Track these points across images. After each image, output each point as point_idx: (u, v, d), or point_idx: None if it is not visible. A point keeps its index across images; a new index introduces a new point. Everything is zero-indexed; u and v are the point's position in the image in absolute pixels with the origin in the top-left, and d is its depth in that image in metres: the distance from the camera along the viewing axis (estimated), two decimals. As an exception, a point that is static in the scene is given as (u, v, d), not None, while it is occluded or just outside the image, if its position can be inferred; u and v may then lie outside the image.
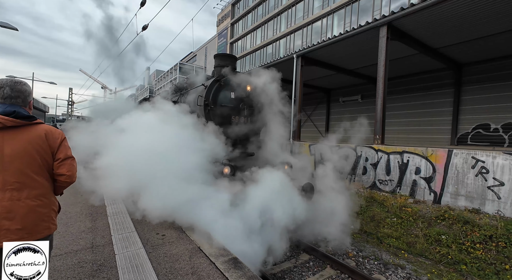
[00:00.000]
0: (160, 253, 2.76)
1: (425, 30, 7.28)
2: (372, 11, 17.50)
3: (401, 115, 11.99)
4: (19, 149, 1.43)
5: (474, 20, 6.60)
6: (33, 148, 1.47)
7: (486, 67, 9.51)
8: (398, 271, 4.27)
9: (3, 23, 10.21)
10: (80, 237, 3.10)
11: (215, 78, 5.22)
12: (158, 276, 2.31)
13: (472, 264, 4.27)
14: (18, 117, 1.44)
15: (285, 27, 25.01)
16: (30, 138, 1.47)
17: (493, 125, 9.49)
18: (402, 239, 5.18)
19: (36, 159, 1.48)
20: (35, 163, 1.48)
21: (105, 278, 2.27)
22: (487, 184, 4.96)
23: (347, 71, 11.05)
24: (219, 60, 5.71)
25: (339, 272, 4.22)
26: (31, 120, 1.49)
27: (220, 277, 2.31)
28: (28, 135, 1.47)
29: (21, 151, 1.44)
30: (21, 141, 1.44)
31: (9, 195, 1.41)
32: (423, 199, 5.84)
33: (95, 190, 4.40)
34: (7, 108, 1.44)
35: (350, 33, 7.58)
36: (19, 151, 1.43)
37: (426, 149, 5.88)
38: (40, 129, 1.52)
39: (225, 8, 36.01)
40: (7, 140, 1.41)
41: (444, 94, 10.65)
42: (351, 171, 7.40)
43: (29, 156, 1.46)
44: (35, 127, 1.51)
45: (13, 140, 1.42)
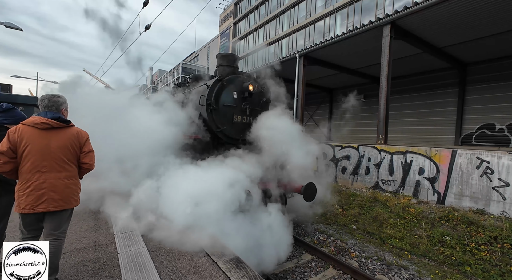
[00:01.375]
0: (162, 252, 2.76)
1: (429, 29, 7.22)
2: (375, 10, 17.39)
3: (405, 115, 11.90)
4: (61, 143, 2.05)
5: (480, 18, 6.52)
6: (69, 143, 2.09)
7: (492, 66, 9.40)
8: (401, 272, 4.23)
9: (8, 24, 10.31)
10: (83, 236, 3.11)
11: (217, 78, 5.22)
12: (160, 275, 2.31)
13: (476, 265, 4.22)
14: (61, 121, 2.06)
15: (288, 27, 24.95)
16: (68, 136, 2.09)
17: (498, 125, 9.38)
18: (405, 240, 5.14)
19: (70, 150, 2.10)
20: (70, 154, 2.10)
21: (108, 276, 2.28)
22: (492, 184, 4.91)
23: (350, 71, 11.00)
24: (222, 59, 5.71)
25: (342, 273, 4.20)
26: (68, 124, 2.12)
27: (222, 276, 2.31)
28: (66, 134, 2.09)
29: (62, 145, 2.05)
30: (62, 138, 2.07)
31: (54, 175, 2.02)
32: (427, 200, 5.79)
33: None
34: (54, 114, 2.06)
35: (353, 32, 7.54)
36: (60, 145, 2.05)
37: (429, 149, 5.83)
38: (74, 130, 2.15)
39: (228, 8, 36.03)
40: (53, 136, 2.04)
41: (448, 93, 10.55)
42: (354, 171, 7.36)
43: (67, 148, 2.07)
44: (70, 128, 2.14)
45: (56, 137, 2.05)
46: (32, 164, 1.96)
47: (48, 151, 2.00)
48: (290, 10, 24.68)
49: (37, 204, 1.95)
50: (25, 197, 1.94)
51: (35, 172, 1.97)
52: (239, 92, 5.34)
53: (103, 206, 3.95)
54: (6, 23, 10.34)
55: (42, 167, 1.98)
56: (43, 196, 1.96)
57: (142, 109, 4.87)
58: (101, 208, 3.91)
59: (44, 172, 1.99)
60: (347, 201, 6.81)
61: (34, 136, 1.97)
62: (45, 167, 1.99)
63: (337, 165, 7.86)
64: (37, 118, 2.00)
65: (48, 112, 2.07)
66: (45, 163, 1.99)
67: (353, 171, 7.40)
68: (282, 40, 25.73)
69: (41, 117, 2.01)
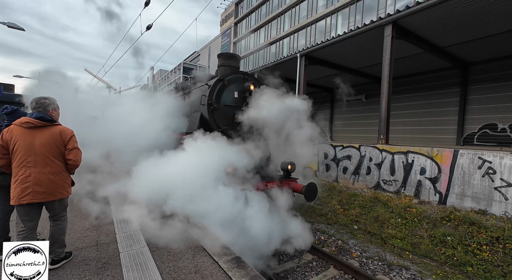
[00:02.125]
0: (164, 251, 2.77)
1: (431, 29, 7.19)
2: (377, 9, 17.33)
3: (406, 115, 11.86)
4: (43, 140, 2.22)
5: (482, 18, 6.48)
6: (52, 140, 2.25)
7: (494, 66, 9.35)
8: (402, 272, 4.22)
9: (10, 24, 10.35)
10: (85, 235, 3.13)
11: (218, 78, 5.22)
12: (161, 275, 2.32)
13: (478, 266, 4.20)
14: (44, 120, 2.24)
15: (289, 27, 24.92)
16: (50, 134, 2.25)
17: (500, 125, 9.33)
18: (407, 240, 5.12)
19: (54, 147, 2.26)
20: (53, 150, 2.26)
21: (110, 276, 2.29)
22: (494, 184, 4.89)
23: (351, 71, 10.97)
24: (223, 59, 5.71)
25: (343, 273, 4.19)
26: (52, 122, 2.29)
27: (223, 276, 2.31)
28: (49, 132, 2.26)
29: (45, 142, 2.22)
30: (45, 135, 2.23)
31: (38, 170, 2.18)
32: (428, 200, 5.78)
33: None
34: (37, 114, 2.24)
35: (355, 32, 7.52)
36: (44, 142, 2.21)
37: (431, 149, 5.81)
38: (57, 129, 2.31)
39: (229, 8, 36.03)
40: (37, 135, 2.21)
41: (450, 93, 10.50)
42: (355, 170, 7.35)
43: (50, 145, 2.24)
44: (54, 127, 2.30)
45: (40, 135, 2.22)
46: (19, 159, 2.17)
47: (32, 148, 2.18)
48: (291, 10, 24.65)
49: (22, 196, 2.13)
50: (13, 189, 2.16)
51: (22, 167, 2.17)
52: (240, 92, 5.35)
53: (106, 205, 3.97)
54: (8, 23, 10.39)
55: (28, 162, 2.17)
56: (28, 189, 2.15)
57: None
58: (104, 207, 3.93)
59: (29, 166, 2.17)
60: (348, 201, 6.80)
61: (21, 134, 2.18)
62: (30, 162, 2.17)
63: (338, 165, 7.85)
64: (23, 118, 2.22)
65: (34, 112, 2.27)
66: (30, 159, 2.17)
67: (354, 171, 7.39)
68: (283, 40, 25.71)
69: (27, 117, 2.23)
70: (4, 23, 10.38)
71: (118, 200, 4.36)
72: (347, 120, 14.64)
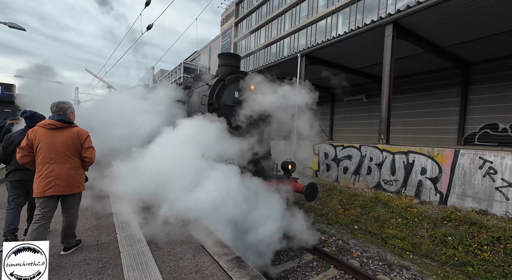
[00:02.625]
0: (164, 251, 2.77)
1: (432, 29, 7.18)
2: (378, 9, 17.31)
3: (407, 115, 11.85)
4: (64, 140, 2.51)
5: (483, 17, 6.47)
6: (71, 140, 2.55)
7: (495, 65, 9.33)
8: (403, 272, 4.22)
9: (11, 24, 10.37)
10: (85, 235, 3.13)
11: (219, 78, 5.23)
12: (162, 274, 2.32)
13: (479, 266, 4.20)
14: (64, 122, 2.55)
15: (289, 26, 24.91)
16: (69, 134, 2.55)
17: (501, 125, 9.31)
18: (407, 240, 5.12)
19: (72, 146, 2.55)
20: (72, 149, 2.55)
21: (111, 275, 2.29)
22: (495, 184, 4.88)
23: (351, 70, 10.96)
24: (223, 59, 5.72)
25: (343, 273, 4.19)
26: (70, 124, 2.61)
27: (223, 275, 2.31)
28: (68, 133, 2.56)
29: (65, 142, 2.51)
30: (64, 136, 2.53)
31: (59, 166, 2.48)
32: (429, 200, 5.77)
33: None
34: (58, 117, 2.55)
35: (355, 32, 7.52)
36: (64, 142, 2.51)
37: (432, 149, 5.80)
38: (75, 130, 2.61)
39: (229, 8, 36.02)
40: (58, 135, 2.51)
41: (451, 93, 10.48)
42: (356, 170, 7.34)
43: (69, 144, 2.53)
44: (72, 128, 2.61)
45: (60, 135, 2.52)
46: (42, 156, 2.45)
47: (53, 146, 2.47)
48: (292, 10, 24.63)
49: (46, 188, 2.41)
50: (37, 183, 2.42)
51: (45, 163, 2.44)
52: (240, 92, 5.35)
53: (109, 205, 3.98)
54: (9, 23, 10.41)
55: (50, 159, 2.45)
56: (51, 182, 2.43)
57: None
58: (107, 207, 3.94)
59: (52, 163, 2.46)
60: (348, 201, 6.80)
61: (44, 134, 2.47)
62: (52, 159, 2.46)
63: (339, 165, 7.85)
64: (46, 121, 2.54)
65: (55, 115, 2.57)
66: (52, 156, 2.46)
67: (354, 171, 7.38)
68: (284, 39, 25.69)
69: (49, 120, 2.54)
70: (5, 23, 10.40)
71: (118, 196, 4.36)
72: (348, 120, 14.63)
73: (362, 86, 13.38)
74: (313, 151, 8.71)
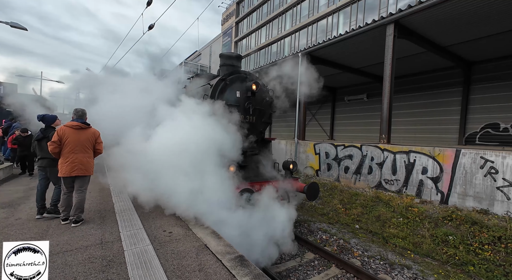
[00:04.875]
0: (168, 250, 2.80)
1: (433, 28, 7.16)
2: (379, 9, 17.27)
3: (408, 115, 11.84)
4: (85, 137, 3.54)
5: (485, 16, 6.46)
6: (89, 137, 3.59)
7: (497, 65, 9.31)
8: (404, 271, 4.24)
9: (13, 23, 10.40)
10: (89, 233, 3.16)
11: (220, 77, 5.24)
12: (166, 273, 2.34)
13: (480, 265, 4.21)
14: (85, 124, 3.60)
15: (290, 26, 24.88)
16: (88, 133, 3.60)
17: (502, 125, 9.30)
18: (408, 239, 5.13)
19: (90, 141, 3.59)
20: (90, 143, 3.59)
21: (115, 273, 2.32)
22: (496, 184, 4.88)
23: (353, 70, 10.95)
24: (225, 59, 5.72)
25: (344, 272, 4.21)
26: (89, 126, 3.66)
27: (226, 274, 2.33)
28: (88, 132, 3.60)
29: (85, 138, 3.54)
30: (86, 134, 3.57)
31: (81, 155, 3.48)
32: (430, 199, 5.78)
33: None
34: (81, 120, 3.59)
35: (356, 31, 7.51)
36: (85, 138, 3.54)
37: (433, 149, 5.81)
38: (92, 130, 3.67)
39: (230, 7, 35.97)
40: (81, 133, 3.52)
41: (452, 93, 10.47)
42: (357, 170, 7.36)
43: (88, 140, 3.57)
44: (90, 128, 3.66)
45: (83, 133, 3.54)
46: (70, 148, 3.41)
47: (78, 141, 3.47)
48: (293, 9, 24.59)
49: (72, 170, 3.40)
50: (65, 166, 3.39)
51: (71, 153, 3.42)
52: (242, 91, 5.35)
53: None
54: (11, 23, 10.44)
55: (75, 150, 3.43)
56: (75, 167, 3.42)
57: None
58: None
59: (76, 153, 3.44)
60: (349, 200, 6.81)
61: (71, 133, 3.45)
62: (77, 150, 3.44)
63: (340, 164, 7.86)
64: (74, 123, 3.52)
65: (78, 119, 3.59)
66: (77, 148, 3.45)
67: (355, 170, 7.39)
68: (285, 39, 25.66)
69: (76, 122, 3.53)
70: (7, 23, 10.43)
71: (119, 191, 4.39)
72: (349, 119, 14.63)
73: (363, 85, 13.36)
74: (314, 151, 8.73)
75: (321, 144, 8.61)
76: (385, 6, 16.94)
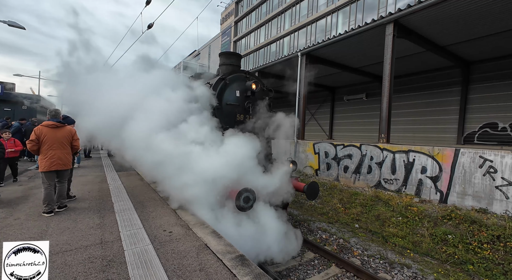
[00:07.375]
0: (168, 249, 2.79)
1: (433, 28, 7.18)
2: (378, 8, 17.30)
3: (407, 114, 11.87)
4: (62, 135, 3.89)
5: (484, 16, 6.47)
6: (66, 134, 3.95)
7: (496, 65, 9.35)
8: (403, 270, 4.25)
9: (11, 22, 10.34)
10: (89, 233, 3.15)
11: (220, 77, 5.23)
12: (166, 272, 2.34)
13: (479, 264, 4.23)
14: (60, 123, 3.91)
15: (289, 25, 24.87)
16: (65, 131, 3.95)
17: (501, 124, 9.34)
18: (408, 239, 5.15)
19: (66, 138, 3.94)
20: (66, 140, 3.94)
21: (115, 273, 2.31)
22: (495, 183, 4.90)
23: (352, 70, 10.95)
24: (224, 58, 5.71)
25: (344, 271, 4.22)
26: (64, 124, 3.98)
27: (227, 273, 2.33)
28: (64, 129, 3.95)
29: (62, 135, 3.89)
30: (62, 132, 3.91)
31: (59, 151, 3.83)
32: (429, 198, 5.80)
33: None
34: (56, 120, 3.90)
35: (356, 31, 7.52)
36: (62, 135, 3.89)
37: (432, 148, 5.83)
38: (68, 128, 4.04)
39: (229, 6, 35.93)
40: (57, 131, 3.86)
41: (451, 92, 10.51)
42: (356, 169, 7.37)
43: (64, 137, 3.92)
44: (65, 127, 4.00)
45: (59, 131, 3.88)
46: (48, 145, 3.75)
47: (55, 138, 3.81)
48: (292, 9, 24.59)
49: (51, 166, 3.75)
50: (44, 162, 3.72)
51: (49, 149, 3.75)
52: (242, 91, 5.35)
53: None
54: (9, 22, 10.38)
55: (53, 147, 3.77)
56: (54, 162, 3.77)
57: None
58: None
59: (54, 149, 3.78)
60: (349, 199, 6.82)
61: (48, 131, 3.78)
62: (54, 147, 3.78)
63: (339, 164, 7.87)
64: (50, 122, 3.85)
65: (53, 118, 3.90)
66: (55, 145, 3.79)
67: (355, 170, 7.40)
68: (284, 38, 25.66)
69: (51, 122, 3.85)
70: (4, 22, 10.37)
71: (118, 192, 4.37)
72: (348, 119, 14.65)
73: (362, 85, 13.38)
74: (313, 150, 8.73)
75: (321, 143, 8.61)
76: (384, 6, 16.97)
